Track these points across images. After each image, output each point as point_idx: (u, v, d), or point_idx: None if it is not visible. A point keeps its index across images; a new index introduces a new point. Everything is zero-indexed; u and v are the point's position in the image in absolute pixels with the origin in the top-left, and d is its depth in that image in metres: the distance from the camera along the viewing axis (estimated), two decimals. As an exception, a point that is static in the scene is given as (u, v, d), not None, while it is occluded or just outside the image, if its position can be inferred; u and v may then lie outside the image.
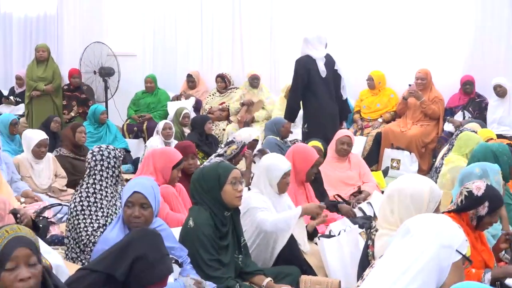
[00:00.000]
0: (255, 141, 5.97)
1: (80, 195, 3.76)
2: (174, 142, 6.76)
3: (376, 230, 2.97)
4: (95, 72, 8.81)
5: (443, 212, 3.05)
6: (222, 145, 5.38)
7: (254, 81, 8.28)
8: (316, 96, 6.02)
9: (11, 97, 8.94)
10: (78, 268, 2.56)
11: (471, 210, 3.11)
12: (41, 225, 4.25)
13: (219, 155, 5.16)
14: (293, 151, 4.60)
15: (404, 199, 2.84)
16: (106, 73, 8.77)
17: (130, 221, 2.99)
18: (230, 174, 3.30)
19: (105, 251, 2.50)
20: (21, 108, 8.68)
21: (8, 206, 3.58)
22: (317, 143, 5.05)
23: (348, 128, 7.37)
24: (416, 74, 7.36)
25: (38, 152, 5.47)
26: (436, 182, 5.19)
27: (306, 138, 5.89)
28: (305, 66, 5.94)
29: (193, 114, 8.01)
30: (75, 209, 3.74)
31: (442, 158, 5.34)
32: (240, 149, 5.22)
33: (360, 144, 7.30)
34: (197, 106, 8.64)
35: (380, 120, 7.72)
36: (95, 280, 2.34)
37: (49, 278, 2.12)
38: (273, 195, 3.93)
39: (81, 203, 3.74)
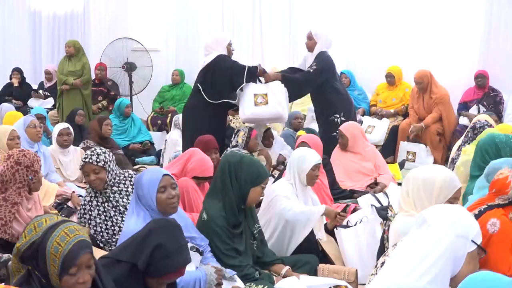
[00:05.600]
0: (267, 131, 6.04)
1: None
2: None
3: (393, 217, 3.02)
4: (123, 67, 9.02)
5: (490, 207, 3.05)
6: (232, 138, 5.50)
7: None
8: (341, 87, 6.25)
9: (40, 91, 9.16)
10: (101, 256, 2.57)
11: None
12: (63, 215, 4.39)
13: (233, 147, 5.28)
14: (300, 140, 4.79)
15: (416, 182, 2.87)
16: (131, 67, 9.00)
17: (167, 203, 2.98)
18: (267, 178, 3.41)
19: (126, 240, 2.51)
20: (50, 102, 8.89)
21: (40, 205, 3.73)
22: (303, 132, 5.18)
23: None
24: (413, 78, 7.35)
25: (61, 141, 5.59)
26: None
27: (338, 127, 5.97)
28: (329, 59, 6.13)
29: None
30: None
31: (459, 149, 5.39)
32: (249, 132, 5.33)
33: (383, 127, 7.48)
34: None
35: (392, 111, 7.80)
36: (122, 270, 2.36)
37: (96, 270, 2.15)
38: (300, 187, 4.03)
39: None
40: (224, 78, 5.63)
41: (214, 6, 9.28)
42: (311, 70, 6.00)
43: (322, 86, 6.06)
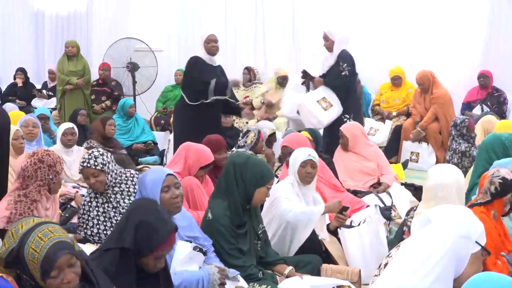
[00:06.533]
0: (272, 135, 6.05)
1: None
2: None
3: (412, 217, 3.05)
4: (127, 67, 9.03)
5: (471, 205, 3.06)
6: (240, 138, 5.49)
7: (283, 81, 8.35)
8: (356, 88, 6.27)
9: (44, 91, 9.19)
10: (91, 252, 2.60)
11: (506, 196, 3.09)
12: (67, 214, 4.44)
13: (240, 147, 5.27)
14: (282, 145, 4.81)
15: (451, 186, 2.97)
16: (135, 67, 9.02)
17: (171, 203, 2.98)
18: (273, 178, 3.42)
19: (112, 231, 2.55)
20: (53, 102, 8.92)
21: (56, 207, 3.76)
22: (305, 133, 5.18)
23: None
24: (415, 79, 7.35)
25: (65, 141, 5.60)
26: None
27: None
28: (352, 58, 6.17)
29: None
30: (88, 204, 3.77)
31: (450, 150, 5.39)
32: (258, 135, 5.33)
33: (385, 128, 7.46)
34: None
35: (394, 113, 7.80)
36: (110, 258, 2.38)
37: (86, 264, 2.16)
38: (300, 187, 4.01)
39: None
40: (196, 80, 5.80)
41: (217, 5, 9.29)
42: (347, 73, 6.06)
43: None
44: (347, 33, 6.27)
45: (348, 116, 6.12)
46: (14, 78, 9.30)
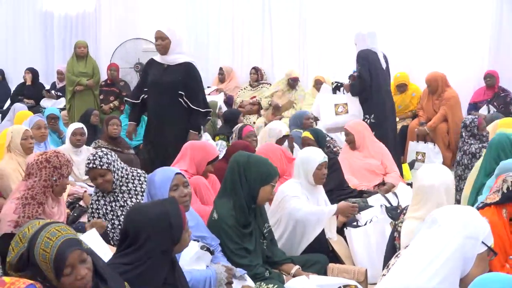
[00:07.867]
0: (285, 136, 5.94)
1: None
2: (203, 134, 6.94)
3: (402, 222, 3.03)
4: (136, 67, 9.05)
5: (484, 204, 3.00)
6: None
7: (294, 84, 8.41)
8: (380, 87, 6.18)
9: (53, 91, 9.23)
10: (111, 264, 2.57)
11: None
12: (75, 214, 4.48)
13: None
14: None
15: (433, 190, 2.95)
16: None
17: (179, 202, 2.90)
18: (277, 176, 3.42)
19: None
20: (62, 102, 8.93)
21: (64, 210, 3.77)
22: (307, 133, 5.17)
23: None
24: (425, 79, 7.32)
25: (74, 141, 5.61)
26: (458, 174, 5.28)
27: (373, 129, 5.90)
28: (368, 57, 6.12)
29: (224, 108, 8.23)
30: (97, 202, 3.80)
31: (461, 151, 5.37)
32: (239, 132, 5.35)
33: None
34: (229, 101, 8.86)
35: (397, 119, 7.78)
36: (137, 272, 2.38)
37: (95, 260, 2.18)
38: (309, 187, 4.01)
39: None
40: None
41: (224, 5, 9.32)
42: (357, 74, 6.11)
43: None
44: (364, 31, 6.22)
45: (368, 117, 6.10)
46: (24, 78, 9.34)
